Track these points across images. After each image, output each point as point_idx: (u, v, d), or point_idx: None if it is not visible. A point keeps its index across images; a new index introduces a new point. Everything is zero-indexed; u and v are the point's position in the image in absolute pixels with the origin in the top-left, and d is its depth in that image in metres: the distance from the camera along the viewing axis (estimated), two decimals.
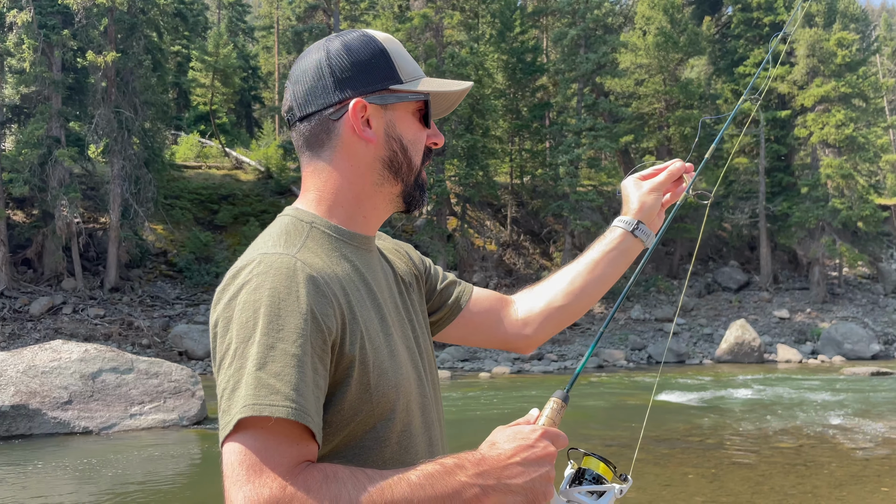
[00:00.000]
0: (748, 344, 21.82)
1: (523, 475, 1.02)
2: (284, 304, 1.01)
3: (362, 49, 1.18)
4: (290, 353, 0.99)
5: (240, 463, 0.94)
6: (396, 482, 0.96)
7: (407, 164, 1.21)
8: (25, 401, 9.75)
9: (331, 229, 1.18)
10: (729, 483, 6.99)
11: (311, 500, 0.90)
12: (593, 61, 26.16)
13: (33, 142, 21.28)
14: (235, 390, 0.98)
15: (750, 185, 28.86)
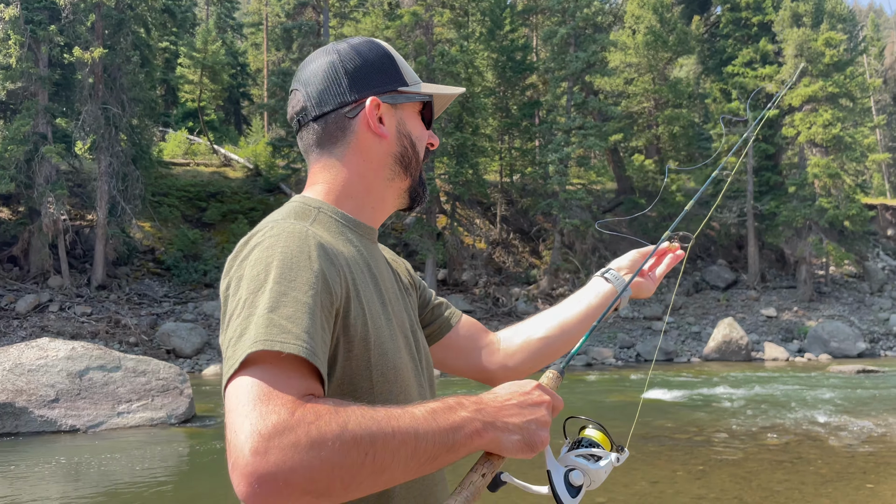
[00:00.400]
0: (736, 342, 21.95)
1: (520, 416, 1.03)
2: (297, 261, 1.03)
3: (371, 52, 1.25)
4: (302, 301, 0.99)
5: (246, 394, 0.91)
6: (402, 413, 0.96)
7: (415, 159, 1.28)
8: (12, 399, 9.68)
9: (337, 215, 1.22)
10: (716, 480, 7.03)
11: (320, 425, 0.88)
12: (583, 60, 26.21)
13: (19, 138, 21.10)
14: (243, 335, 0.96)
15: (738, 184, 29.02)
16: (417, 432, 0.94)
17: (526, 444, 1.03)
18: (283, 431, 0.86)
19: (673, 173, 27.14)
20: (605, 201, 31.99)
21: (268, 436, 0.85)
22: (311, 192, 1.25)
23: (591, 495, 6.40)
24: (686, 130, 30.31)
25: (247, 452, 0.85)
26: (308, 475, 0.85)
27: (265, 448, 0.85)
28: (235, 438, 0.87)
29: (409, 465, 0.94)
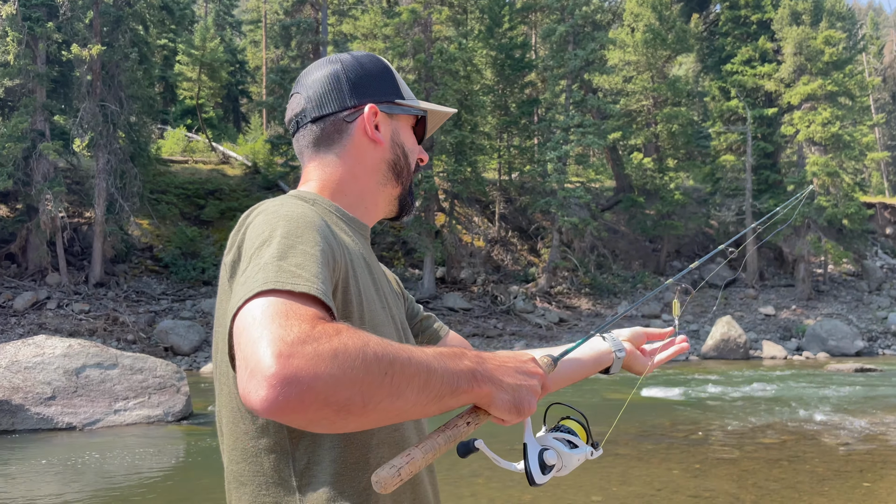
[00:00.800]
0: (734, 340, 21.95)
1: (514, 379, 1.04)
2: (302, 223, 1.05)
3: (372, 64, 1.31)
4: (310, 253, 0.99)
5: (262, 312, 0.89)
6: (415, 348, 0.96)
7: (407, 168, 1.33)
8: (8, 396, 9.66)
9: (332, 208, 1.25)
10: (712, 479, 7.02)
11: (342, 338, 0.86)
12: (582, 58, 26.18)
13: (17, 135, 21.07)
14: (246, 284, 0.95)
15: (736, 182, 29.01)
16: (430, 366, 0.93)
17: (515, 406, 1.03)
18: (307, 340, 0.84)
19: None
20: (603, 199, 31.98)
21: (291, 342, 0.83)
22: (306, 188, 1.29)
23: (587, 493, 6.40)
24: (685, 129, 30.28)
25: (269, 356, 0.82)
26: (331, 384, 0.83)
27: (289, 352, 0.82)
28: (254, 347, 0.84)
29: (420, 398, 0.92)
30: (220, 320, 1.13)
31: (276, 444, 1.09)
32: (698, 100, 33.54)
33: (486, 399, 1.01)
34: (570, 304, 25.81)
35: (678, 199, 28.43)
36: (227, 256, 1.10)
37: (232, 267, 1.07)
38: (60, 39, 22.32)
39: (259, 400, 0.82)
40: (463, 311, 23.68)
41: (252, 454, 1.11)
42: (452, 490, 6.51)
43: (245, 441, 1.11)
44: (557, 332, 23.37)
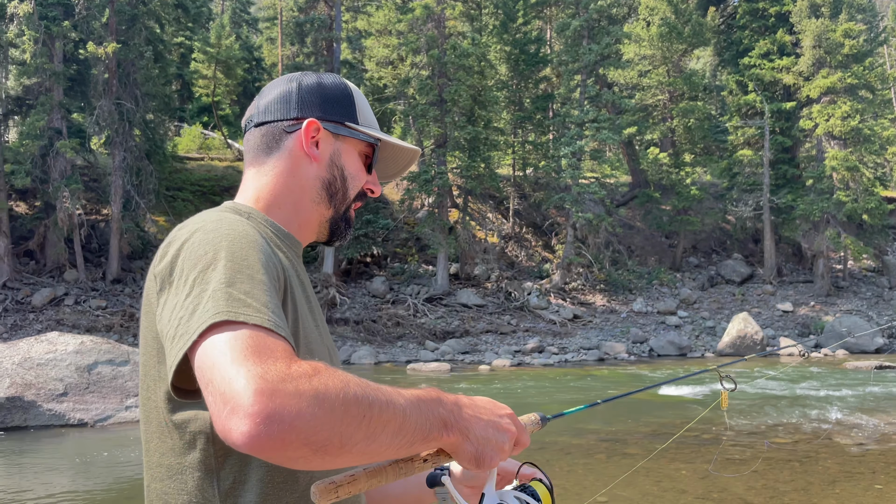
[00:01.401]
0: (750, 337, 21.72)
1: (483, 431, 1.03)
2: (245, 242, 1.03)
3: (332, 85, 1.29)
4: (258, 279, 0.99)
5: (232, 348, 0.88)
6: (392, 390, 0.96)
7: (342, 192, 1.29)
8: (21, 393, 9.77)
9: (266, 223, 1.23)
10: (721, 480, 6.94)
11: (322, 378, 0.87)
12: (596, 52, 25.98)
13: (35, 133, 21.29)
14: (195, 312, 0.93)
15: (754, 177, 28.67)
16: (406, 411, 0.94)
17: (475, 458, 1.03)
18: (287, 378, 0.84)
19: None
20: (618, 195, 31.76)
21: (272, 380, 0.84)
22: (241, 199, 1.27)
23: (592, 493, 6.35)
24: (702, 123, 29.95)
25: (251, 394, 0.82)
26: (312, 424, 0.84)
27: (271, 390, 0.83)
28: (231, 386, 0.84)
29: (393, 442, 0.93)
30: (145, 333, 1.11)
31: (201, 461, 1.07)
32: (715, 94, 33.17)
33: (451, 447, 1.02)
34: (584, 300, 25.67)
35: (694, 195, 28.15)
36: (157, 266, 1.07)
37: (162, 281, 1.04)
38: (77, 38, 22.51)
39: (241, 435, 0.83)
40: (476, 308, 23.63)
41: (177, 471, 1.08)
42: None
43: (171, 457, 1.09)
44: (572, 329, 23.26)
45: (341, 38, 26.47)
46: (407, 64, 26.35)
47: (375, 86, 33.23)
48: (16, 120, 24.73)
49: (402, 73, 26.97)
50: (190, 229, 1.07)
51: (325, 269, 23.48)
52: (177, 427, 1.08)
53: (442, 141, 24.69)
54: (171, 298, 1.00)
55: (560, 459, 7.88)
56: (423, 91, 24.11)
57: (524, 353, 20.66)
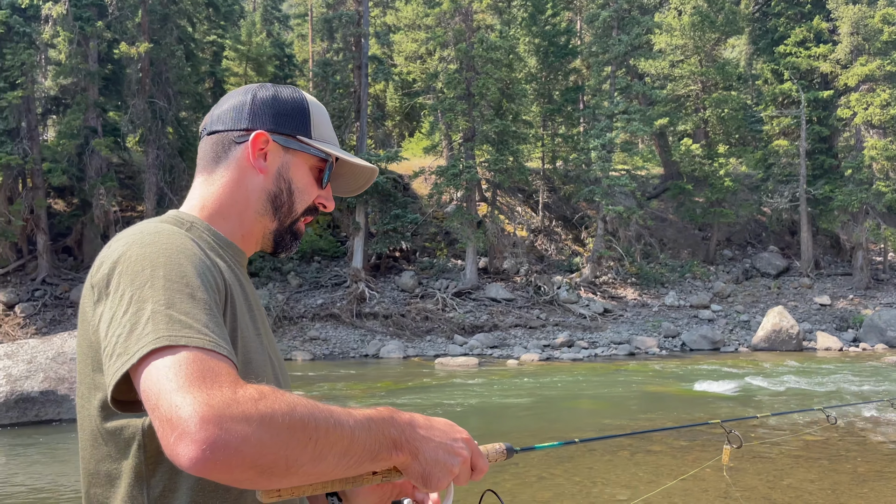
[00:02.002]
0: (786, 331, 21.30)
1: (434, 453, 1.05)
2: (182, 256, 1.04)
3: (287, 99, 1.29)
4: (198, 297, 1.00)
5: (176, 374, 0.90)
6: (342, 411, 0.97)
7: (288, 206, 1.29)
8: (54, 387, 10.01)
9: (209, 232, 1.23)
10: (746, 477, 6.82)
11: (268, 402, 0.89)
12: (626, 43, 25.64)
13: (71, 132, 21.77)
14: (133, 331, 0.95)
15: (790, 167, 28.05)
16: (354, 433, 0.96)
17: (423, 479, 1.05)
18: (232, 403, 0.87)
19: None
20: (650, 187, 31.35)
21: (218, 407, 0.86)
22: (186, 207, 1.28)
23: (613, 492, 6.29)
24: (736, 113, 29.37)
25: (196, 422, 0.85)
26: (258, 449, 0.86)
27: (217, 417, 0.85)
28: (178, 412, 0.86)
29: (341, 462, 0.95)
30: (81, 342, 1.12)
31: (133, 468, 1.08)
32: (750, 83, 32.51)
33: (401, 465, 1.04)
34: (615, 294, 25.43)
35: (728, 186, 27.63)
36: (94, 277, 1.07)
37: (99, 293, 1.05)
38: (110, 38, 22.93)
39: (188, 460, 0.85)
40: (505, 302, 23.56)
41: (114, 477, 1.10)
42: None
43: (107, 464, 1.10)
44: (602, 323, 23.06)
45: (369, 34, 26.52)
46: (435, 58, 26.31)
47: (404, 80, 33.28)
48: (53, 119, 25.32)
49: (431, 68, 26.94)
50: (126, 241, 1.07)
51: (355, 263, 23.61)
52: (110, 434, 1.09)
53: (470, 135, 24.62)
54: (106, 312, 1.01)
55: (582, 456, 7.82)
56: (451, 85, 24.06)
57: (553, 347, 20.55)
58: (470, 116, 24.29)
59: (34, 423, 9.80)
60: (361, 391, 13.21)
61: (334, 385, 14.08)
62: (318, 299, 23.06)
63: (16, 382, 9.90)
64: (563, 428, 9.54)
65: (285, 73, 41.74)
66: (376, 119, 31.65)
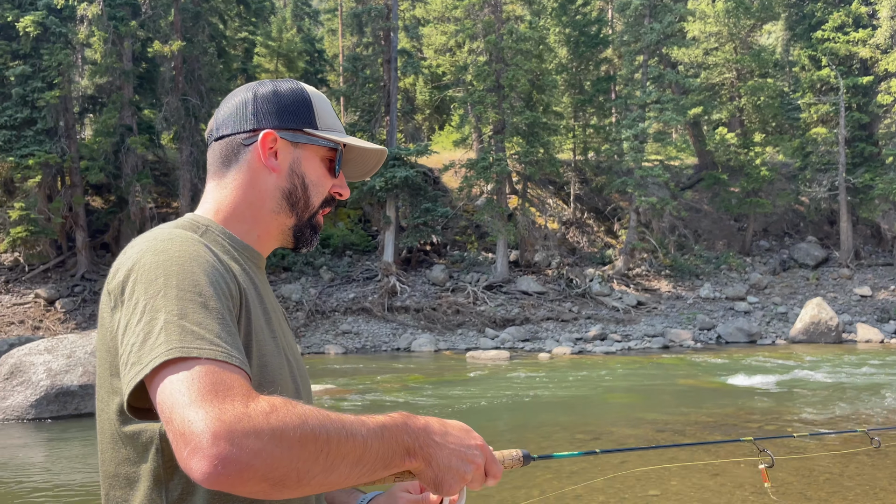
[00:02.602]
0: (825, 323, 20.85)
1: (447, 459, 1.06)
2: (195, 264, 1.05)
3: (288, 94, 1.28)
4: (211, 307, 1.01)
5: (188, 387, 0.92)
6: (354, 420, 0.98)
7: (304, 201, 1.28)
8: (93, 381, 10.21)
9: (224, 235, 1.23)
10: (782, 473, 6.68)
11: (279, 415, 0.91)
12: (659, 31, 25.26)
13: (108, 130, 22.18)
14: (147, 340, 0.97)
15: (829, 156, 27.40)
16: (366, 441, 0.97)
17: (435, 484, 1.07)
18: (243, 418, 0.88)
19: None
20: (684, 177, 30.90)
21: (229, 422, 0.88)
22: (201, 211, 1.28)
23: (645, 487, 6.21)
24: (773, 101, 28.77)
25: (209, 437, 0.87)
26: (269, 462, 0.88)
27: (228, 432, 0.87)
28: (190, 427, 0.88)
29: (353, 471, 0.96)
30: (99, 346, 1.14)
31: (151, 472, 1.09)
32: (787, 70, 31.81)
33: (414, 470, 1.06)
34: (649, 286, 25.14)
35: (765, 176, 27.10)
36: (110, 283, 1.09)
37: (115, 300, 1.06)
38: (144, 37, 23.28)
39: (201, 474, 0.87)
40: (537, 295, 23.44)
41: (133, 480, 1.11)
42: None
43: (126, 467, 1.11)
44: (635, 316, 22.82)
45: (398, 28, 26.51)
46: (464, 50, 26.23)
47: (434, 73, 33.22)
48: (90, 118, 25.83)
49: (460, 60, 26.85)
50: (140, 249, 1.08)
51: (386, 257, 23.70)
52: (128, 438, 1.10)
53: (500, 127, 24.50)
54: (122, 319, 1.03)
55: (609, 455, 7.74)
56: (481, 77, 23.96)
57: (586, 340, 20.40)
58: (500, 108, 24.17)
59: (74, 417, 10.02)
60: (393, 385, 13.26)
61: (366, 379, 14.16)
62: (349, 293, 23.20)
63: (56, 377, 10.13)
64: (595, 423, 9.46)
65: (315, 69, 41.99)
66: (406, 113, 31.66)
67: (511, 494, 6.06)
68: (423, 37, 32.56)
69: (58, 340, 10.93)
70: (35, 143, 21.35)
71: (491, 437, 8.76)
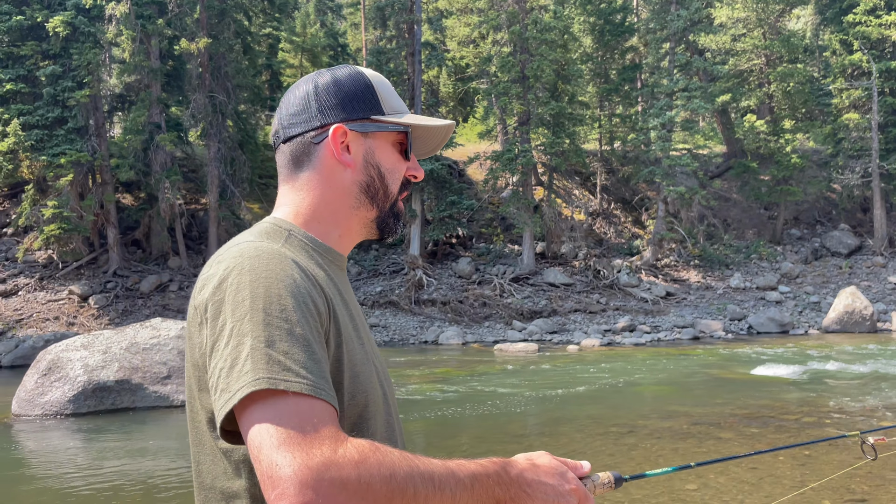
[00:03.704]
0: (859, 312, 20.48)
1: (542, 499, 1.05)
2: (282, 285, 1.02)
3: (349, 82, 1.24)
4: (297, 334, 0.99)
5: (276, 429, 0.91)
6: (444, 472, 0.97)
7: (383, 190, 1.26)
8: (128, 376, 10.38)
9: (307, 239, 1.21)
10: (821, 465, 6.58)
11: (368, 466, 0.90)
12: (685, 18, 24.90)
13: (137, 128, 22.43)
14: (234, 367, 0.96)
15: (861, 142, 26.85)
16: (455, 496, 0.96)
17: None
18: (331, 467, 0.88)
19: None
20: (713, 166, 30.50)
21: (316, 469, 0.87)
22: (280, 214, 1.26)
23: (682, 481, 6.15)
24: (803, 87, 28.24)
25: (296, 483, 0.86)
26: None
27: (315, 481, 0.86)
28: (278, 471, 0.88)
29: None
30: (188, 359, 1.13)
31: (247, 489, 1.08)
32: (817, 55, 31.20)
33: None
34: (677, 276, 24.88)
35: (796, 163, 26.64)
36: (196, 298, 1.08)
37: (202, 317, 1.05)
38: (170, 35, 23.48)
39: None
40: (564, 287, 23.33)
41: (228, 496, 1.10)
42: None
43: (223, 481, 1.10)
44: (664, 307, 22.61)
45: (422, 20, 26.45)
46: (488, 42, 26.09)
47: (457, 65, 33.12)
48: (119, 116, 26.16)
49: (484, 52, 26.72)
50: (227, 265, 1.06)
51: (412, 250, 23.73)
52: (224, 453, 1.10)
53: (525, 118, 24.36)
54: (208, 339, 1.02)
55: (647, 442, 7.68)
56: (505, 68, 23.83)
57: (614, 332, 20.26)
58: (524, 99, 24.03)
59: (110, 412, 10.19)
60: (421, 378, 13.29)
61: (395, 373, 14.21)
62: (376, 287, 23.29)
63: (92, 372, 10.31)
64: (627, 415, 9.39)
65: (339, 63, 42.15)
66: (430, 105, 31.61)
67: None
68: (446, 29, 32.46)
69: (93, 336, 11.10)
70: (66, 142, 21.68)
71: (524, 430, 8.74)
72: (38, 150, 21.56)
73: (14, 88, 21.90)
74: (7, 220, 23.88)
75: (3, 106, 21.88)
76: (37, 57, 22.28)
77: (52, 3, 22.53)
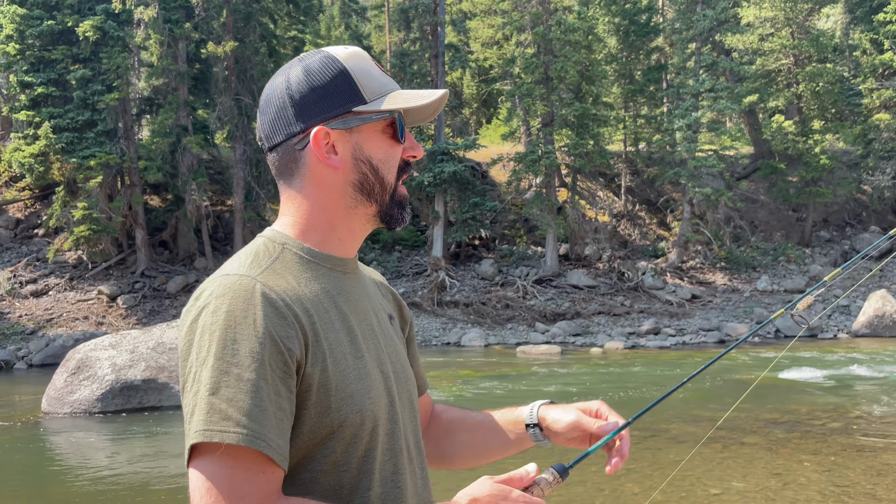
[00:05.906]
0: (890, 316, 20.13)
1: None
2: (240, 329, 1.03)
3: (322, 73, 1.17)
4: (245, 378, 1.01)
5: (207, 491, 0.97)
6: None
7: (379, 184, 1.20)
8: (155, 375, 10.53)
9: (303, 251, 1.19)
10: (848, 472, 6.47)
11: None
12: (712, 18, 24.65)
13: (164, 131, 22.75)
14: (192, 414, 1.02)
15: (892, 143, 26.36)
16: None
17: None
18: None
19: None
20: (739, 167, 30.14)
21: None
22: (279, 226, 1.24)
23: (706, 486, 6.10)
24: (832, 87, 27.82)
25: None
26: None
27: None
28: None
29: None
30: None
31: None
32: (847, 54, 30.70)
33: None
34: (703, 279, 24.63)
35: (825, 164, 26.23)
36: (181, 323, 1.11)
37: (179, 344, 1.11)
38: (197, 38, 23.78)
39: None
40: (588, 289, 23.20)
41: None
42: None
43: None
44: (690, 309, 22.39)
45: (445, 22, 26.49)
46: (512, 43, 26.04)
47: (481, 67, 33.12)
48: (147, 119, 26.53)
49: (508, 53, 26.69)
50: (201, 304, 1.08)
51: (435, 252, 23.77)
52: None
53: (549, 119, 24.29)
54: (181, 376, 1.08)
55: (670, 447, 7.61)
56: (529, 69, 23.78)
57: (639, 335, 20.11)
58: (548, 101, 23.95)
59: (137, 410, 10.34)
60: (444, 379, 13.30)
61: None
62: (399, 288, 23.35)
63: (120, 371, 10.47)
64: (650, 419, 9.31)
65: None
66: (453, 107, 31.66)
67: (576, 493, 6.01)
68: (470, 30, 32.48)
69: (121, 336, 11.28)
70: (96, 145, 22.04)
71: None
72: (69, 153, 21.94)
73: (45, 92, 22.31)
74: (38, 222, 24.34)
75: (34, 109, 22.30)
76: (67, 61, 22.68)
77: (82, 8, 22.92)
